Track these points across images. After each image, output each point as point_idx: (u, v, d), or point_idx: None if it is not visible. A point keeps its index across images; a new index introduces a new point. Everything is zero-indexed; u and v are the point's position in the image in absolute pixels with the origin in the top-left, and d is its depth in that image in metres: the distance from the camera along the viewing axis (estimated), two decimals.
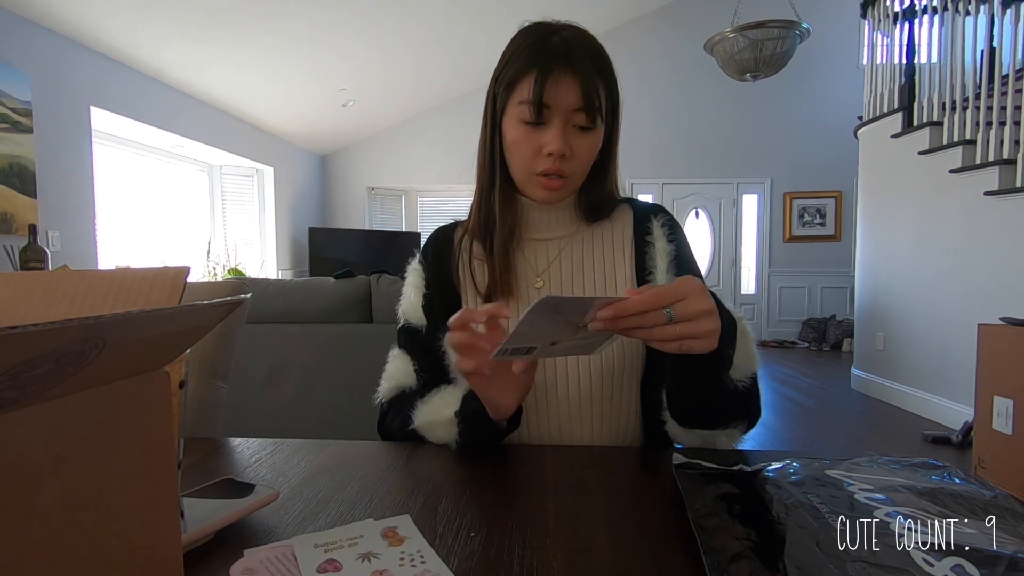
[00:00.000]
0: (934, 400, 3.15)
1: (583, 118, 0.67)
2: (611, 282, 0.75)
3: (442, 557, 0.40)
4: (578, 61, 0.66)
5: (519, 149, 0.70)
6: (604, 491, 0.54)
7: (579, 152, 0.69)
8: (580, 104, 0.66)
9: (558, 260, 0.76)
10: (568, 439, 0.73)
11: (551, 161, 0.68)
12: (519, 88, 0.68)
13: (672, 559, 0.41)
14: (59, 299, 0.31)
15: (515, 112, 0.69)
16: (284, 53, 4.19)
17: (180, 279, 0.32)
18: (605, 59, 0.70)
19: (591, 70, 0.67)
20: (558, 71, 0.66)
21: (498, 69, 0.71)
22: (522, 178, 0.73)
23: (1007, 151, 2.75)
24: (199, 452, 0.66)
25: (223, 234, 5.06)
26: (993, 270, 2.79)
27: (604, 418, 0.73)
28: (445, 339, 0.61)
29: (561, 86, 0.66)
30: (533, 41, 0.68)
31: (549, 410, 0.73)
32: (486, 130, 0.74)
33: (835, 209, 6.25)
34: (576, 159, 0.69)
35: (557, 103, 0.66)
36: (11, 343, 0.16)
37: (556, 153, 0.67)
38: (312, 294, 1.91)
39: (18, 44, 2.93)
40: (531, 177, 0.71)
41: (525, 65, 0.67)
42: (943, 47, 3.30)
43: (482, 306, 0.58)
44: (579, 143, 0.69)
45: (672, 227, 0.77)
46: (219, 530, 0.44)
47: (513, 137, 0.70)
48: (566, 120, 0.67)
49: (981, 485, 0.44)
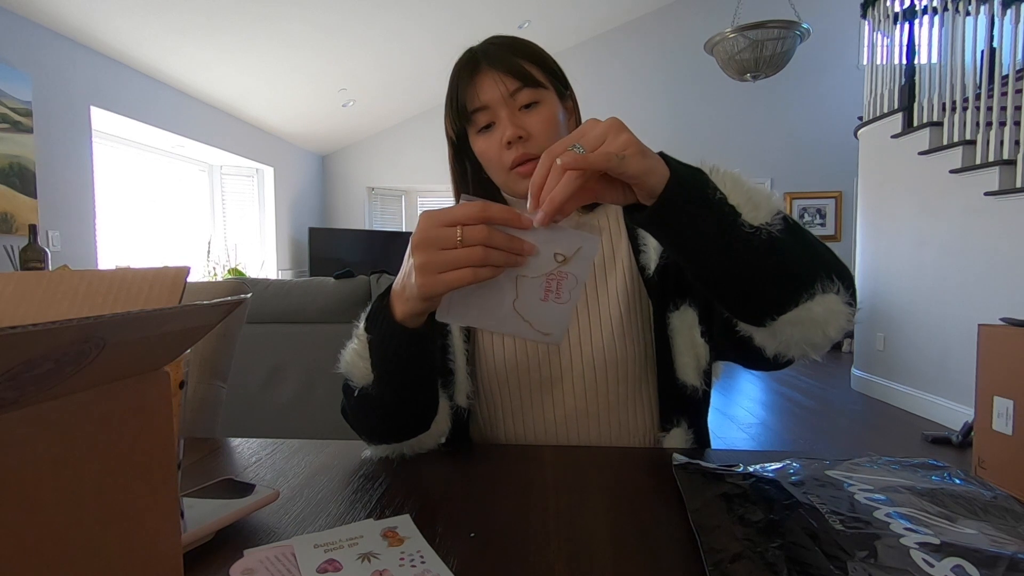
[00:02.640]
0: (934, 400, 3.15)
1: (523, 96, 0.69)
2: (611, 266, 0.74)
3: (442, 557, 0.40)
4: (490, 55, 0.70)
5: (486, 157, 0.72)
6: (604, 491, 0.54)
7: (534, 128, 0.69)
8: (510, 88, 0.68)
9: None
10: (575, 437, 0.73)
11: (515, 149, 0.69)
12: (457, 110, 0.71)
13: (672, 559, 0.41)
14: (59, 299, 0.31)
15: (470, 131, 0.72)
16: (284, 53, 4.19)
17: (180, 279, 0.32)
18: (528, 45, 0.73)
19: (508, 56, 0.70)
20: (477, 74, 0.69)
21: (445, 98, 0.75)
22: (503, 181, 0.73)
23: (1007, 151, 2.75)
24: (199, 452, 0.66)
25: (223, 234, 5.06)
26: (993, 270, 2.79)
27: (611, 411, 0.72)
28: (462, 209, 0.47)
29: (485, 83, 0.69)
30: (456, 65, 0.72)
31: (555, 407, 0.73)
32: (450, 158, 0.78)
33: (835, 209, 6.25)
34: (535, 136, 0.70)
35: (488, 100, 0.69)
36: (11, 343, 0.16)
37: (512, 138, 0.68)
38: (312, 294, 1.91)
39: (18, 44, 2.93)
40: (508, 174, 0.71)
41: (454, 85, 0.71)
42: (943, 47, 3.30)
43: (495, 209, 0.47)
44: (530, 120, 0.70)
45: None
46: (219, 530, 0.44)
47: (478, 150, 0.73)
48: (511, 107, 0.69)
49: (981, 485, 0.44)
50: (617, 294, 0.73)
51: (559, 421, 0.73)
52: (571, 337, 0.72)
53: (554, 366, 0.72)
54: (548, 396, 0.73)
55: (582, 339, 0.72)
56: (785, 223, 0.52)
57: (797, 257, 0.53)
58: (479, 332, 0.75)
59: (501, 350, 0.73)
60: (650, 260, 0.72)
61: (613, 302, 0.72)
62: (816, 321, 0.53)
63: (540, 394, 0.73)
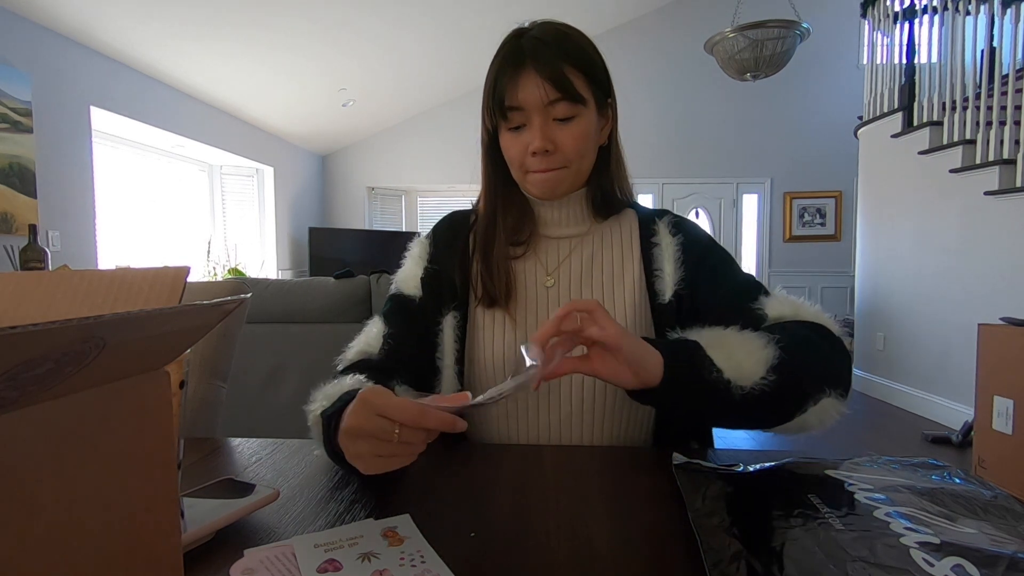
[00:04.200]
0: (934, 400, 3.15)
1: (560, 109, 0.68)
2: (619, 282, 0.75)
3: (442, 557, 0.40)
4: (540, 55, 0.67)
5: (509, 155, 0.73)
6: (604, 491, 0.54)
7: (563, 143, 0.69)
8: (549, 97, 0.67)
9: (568, 260, 0.76)
10: (567, 440, 0.73)
11: (538, 160, 0.70)
12: (493, 101, 0.70)
13: (672, 559, 0.41)
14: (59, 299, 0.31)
15: (502, 122, 0.71)
16: (284, 53, 4.19)
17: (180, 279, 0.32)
18: (579, 46, 0.70)
19: (556, 60, 0.67)
20: (522, 72, 0.68)
21: (485, 86, 0.73)
22: (519, 180, 0.75)
23: (1007, 151, 2.75)
24: (199, 452, 0.66)
25: (223, 234, 5.06)
26: (993, 270, 2.79)
27: (606, 420, 0.72)
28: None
29: (528, 84, 0.67)
30: (501, 50, 0.70)
31: (551, 412, 0.72)
32: (483, 148, 0.77)
33: (835, 209, 6.25)
34: (562, 151, 0.70)
35: (527, 102, 0.68)
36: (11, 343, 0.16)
37: (538, 151, 0.68)
38: (312, 294, 1.91)
39: (18, 44, 2.93)
40: (525, 176, 0.73)
41: (494, 75, 0.70)
42: (943, 47, 3.30)
43: (444, 402, 0.46)
44: (562, 135, 0.69)
45: (676, 224, 0.77)
46: (219, 530, 0.44)
47: (503, 145, 0.73)
48: (545, 116, 0.68)
49: (981, 485, 0.44)
50: (624, 306, 0.73)
51: (552, 426, 0.73)
52: None
53: None
54: (544, 399, 0.72)
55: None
56: (779, 368, 0.56)
57: (790, 393, 0.58)
58: (474, 331, 0.75)
59: (502, 347, 0.72)
60: (666, 287, 0.72)
61: (619, 314, 0.72)
62: (809, 423, 0.60)
63: (536, 396, 0.73)
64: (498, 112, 0.69)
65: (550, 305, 0.74)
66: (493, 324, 0.74)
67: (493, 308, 0.74)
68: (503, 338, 0.73)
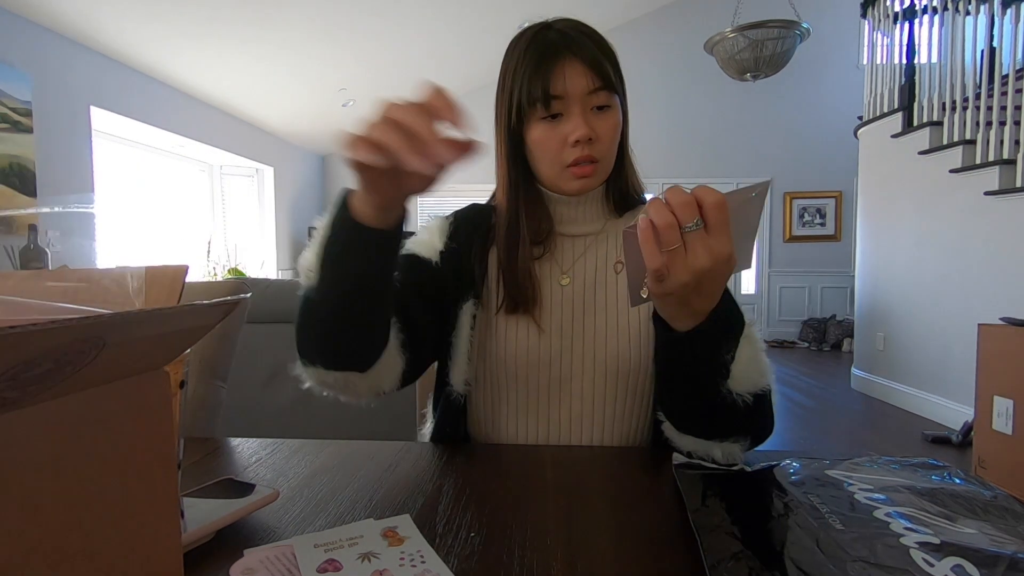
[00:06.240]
0: (934, 400, 3.15)
1: (599, 98, 0.68)
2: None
3: (442, 557, 0.40)
4: (579, 44, 0.67)
5: (544, 147, 0.70)
6: (604, 491, 0.54)
7: (603, 133, 0.69)
8: (592, 85, 0.67)
9: (583, 258, 0.76)
10: (577, 439, 0.73)
11: (580, 149, 0.68)
12: (530, 90, 0.68)
13: (672, 559, 0.41)
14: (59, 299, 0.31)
15: (532, 114, 0.69)
16: (284, 53, 4.19)
17: (179, 278, 0.32)
18: (605, 41, 0.71)
19: (594, 50, 0.67)
20: (562, 60, 0.67)
21: (502, 80, 0.72)
22: (552, 175, 0.72)
23: (1007, 151, 2.75)
24: (199, 452, 0.66)
25: (223, 234, 5.06)
26: (993, 270, 2.79)
27: (616, 420, 0.72)
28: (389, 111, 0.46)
29: (570, 73, 0.67)
30: (531, 42, 0.69)
31: (561, 407, 0.72)
32: (501, 145, 0.74)
33: (835, 209, 6.25)
34: (602, 140, 0.69)
35: (569, 91, 0.67)
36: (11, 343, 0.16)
37: (583, 139, 0.67)
38: None
39: (18, 44, 2.93)
40: (562, 171, 0.70)
41: (531, 66, 0.68)
42: (943, 47, 3.30)
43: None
44: (601, 124, 0.68)
45: None
46: (219, 530, 0.44)
47: (535, 137, 0.70)
48: (583, 105, 0.68)
49: (981, 485, 0.44)
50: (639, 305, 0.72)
51: (563, 423, 0.72)
52: (587, 338, 0.72)
53: (565, 365, 0.72)
54: (556, 395, 0.72)
55: (596, 342, 0.72)
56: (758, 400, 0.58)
57: (739, 421, 0.58)
58: (489, 327, 0.74)
59: (514, 342, 0.72)
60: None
61: (634, 312, 0.72)
62: (711, 453, 0.60)
63: (548, 392, 0.72)
64: (540, 102, 0.67)
65: (564, 304, 0.73)
66: (507, 322, 0.73)
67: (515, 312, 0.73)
68: (515, 336, 0.72)
